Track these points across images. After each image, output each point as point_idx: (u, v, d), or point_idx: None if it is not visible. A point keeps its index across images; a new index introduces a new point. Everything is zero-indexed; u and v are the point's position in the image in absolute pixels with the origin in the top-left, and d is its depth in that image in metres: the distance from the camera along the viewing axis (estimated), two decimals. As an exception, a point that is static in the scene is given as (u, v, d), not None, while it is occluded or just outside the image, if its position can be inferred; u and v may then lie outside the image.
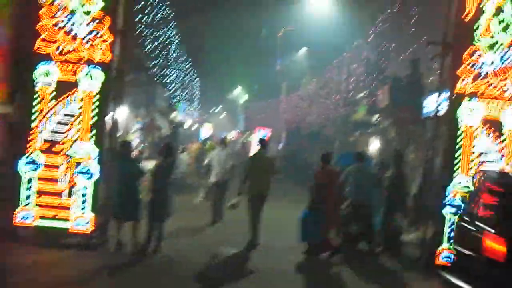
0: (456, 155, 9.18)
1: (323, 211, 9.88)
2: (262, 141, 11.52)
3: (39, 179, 9.01)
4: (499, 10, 9.18)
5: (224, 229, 12.08)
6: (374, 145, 22.76)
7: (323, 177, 10.19)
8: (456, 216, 9.06)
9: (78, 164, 9.03)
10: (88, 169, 9.02)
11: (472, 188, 9.07)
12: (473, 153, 9.17)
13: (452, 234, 9.03)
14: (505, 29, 9.18)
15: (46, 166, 9.02)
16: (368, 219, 10.53)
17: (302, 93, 36.60)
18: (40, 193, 9.00)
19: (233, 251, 9.94)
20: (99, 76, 9.03)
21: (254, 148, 32.18)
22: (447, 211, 9.18)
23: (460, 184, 9.16)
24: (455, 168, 9.19)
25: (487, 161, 9.15)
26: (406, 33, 18.33)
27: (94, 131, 9.06)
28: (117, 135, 10.54)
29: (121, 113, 11.07)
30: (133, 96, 16.88)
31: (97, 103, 9.05)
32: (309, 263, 9.72)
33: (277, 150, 35.04)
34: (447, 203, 9.16)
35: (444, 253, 9.14)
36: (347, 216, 10.56)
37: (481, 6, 9.20)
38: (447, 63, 9.79)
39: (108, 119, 9.43)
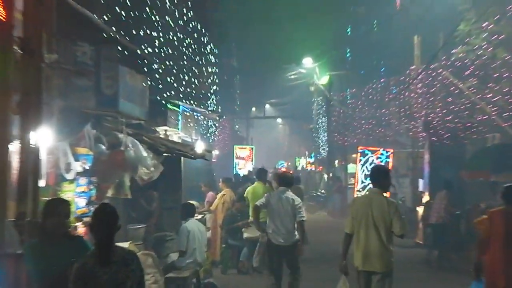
0: None
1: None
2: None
3: None
4: None
5: None
6: None
7: (499, 223, 11.68)
8: None
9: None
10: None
11: None
12: None
13: None
14: None
15: None
16: None
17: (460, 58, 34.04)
18: None
19: None
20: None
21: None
22: None
23: None
24: None
25: None
26: None
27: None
28: (38, 188, 10.70)
29: (44, 138, 11.06)
30: (71, 98, 16.01)
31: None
32: None
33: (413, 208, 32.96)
34: None
35: None
36: None
37: None
38: None
39: (13, 151, 9.85)
